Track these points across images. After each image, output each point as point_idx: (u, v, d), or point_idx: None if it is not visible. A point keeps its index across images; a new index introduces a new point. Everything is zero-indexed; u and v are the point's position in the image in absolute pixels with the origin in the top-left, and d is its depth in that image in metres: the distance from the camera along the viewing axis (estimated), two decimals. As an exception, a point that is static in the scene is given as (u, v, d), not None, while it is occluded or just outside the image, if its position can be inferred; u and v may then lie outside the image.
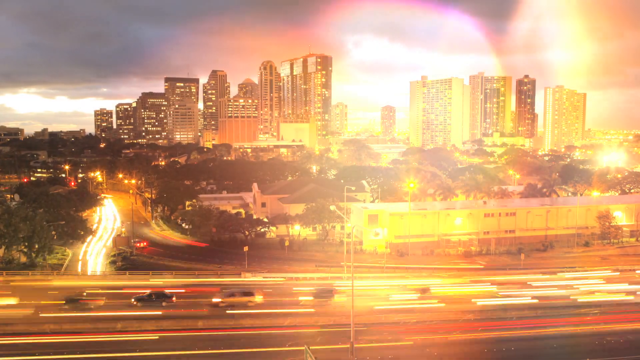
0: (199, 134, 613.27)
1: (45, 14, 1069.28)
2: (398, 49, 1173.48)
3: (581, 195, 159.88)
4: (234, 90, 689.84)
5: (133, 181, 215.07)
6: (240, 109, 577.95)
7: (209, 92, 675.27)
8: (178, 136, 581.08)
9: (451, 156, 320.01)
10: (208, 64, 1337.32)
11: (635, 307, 78.30)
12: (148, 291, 78.52)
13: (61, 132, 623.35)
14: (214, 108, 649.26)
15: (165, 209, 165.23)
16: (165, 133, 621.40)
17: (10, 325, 65.83)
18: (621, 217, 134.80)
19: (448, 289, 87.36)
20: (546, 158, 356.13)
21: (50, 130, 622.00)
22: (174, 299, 77.04)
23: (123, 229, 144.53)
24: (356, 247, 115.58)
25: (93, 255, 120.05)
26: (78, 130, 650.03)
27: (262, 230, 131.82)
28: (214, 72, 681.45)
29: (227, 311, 73.14)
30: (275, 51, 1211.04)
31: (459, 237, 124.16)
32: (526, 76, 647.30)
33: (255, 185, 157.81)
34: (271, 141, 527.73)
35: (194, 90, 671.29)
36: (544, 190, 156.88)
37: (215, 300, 76.14)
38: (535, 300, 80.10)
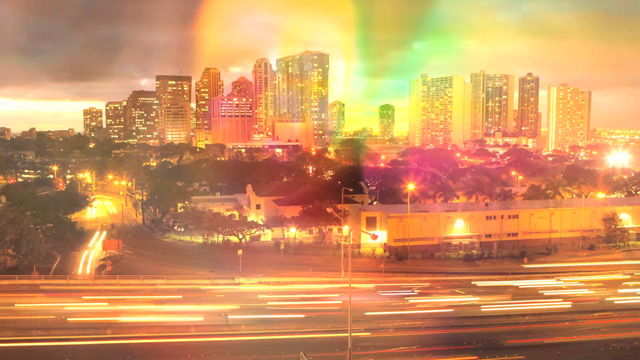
0: (192, 133, 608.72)
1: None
2: (397, 47, 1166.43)
3: (586, 197, 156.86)
4: (227, 89, 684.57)
5: (123, 182, 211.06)
6: (234, 108, 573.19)
7: (202, 90, 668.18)
8: (170, 136, 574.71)
9: (452, 156, 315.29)
10: (201, 61, 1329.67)
11: None
12: None
13: (49, 131, 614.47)
14: (207, 107, 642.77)
15: (157, 211, 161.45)
16: (156, 133, 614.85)
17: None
18: (627, 220, 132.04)
19: None
20: (550, 158, 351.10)
21: (37, 130, 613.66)
22: None
23: (113, 231, 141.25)
24: (354, 251, 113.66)
25: (82, 259, 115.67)
26: (67, 129, 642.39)
27: (257, 233, 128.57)
28: (207, 69, 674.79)
29: None
30: (270, 48, 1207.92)
31: (460, 240, 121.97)
32: (529, 74, 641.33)
33: (249, 187, 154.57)
34: (266, 141, 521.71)
35: (187, 88, 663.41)
36: (548, 191, 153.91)
37: None
38: None
